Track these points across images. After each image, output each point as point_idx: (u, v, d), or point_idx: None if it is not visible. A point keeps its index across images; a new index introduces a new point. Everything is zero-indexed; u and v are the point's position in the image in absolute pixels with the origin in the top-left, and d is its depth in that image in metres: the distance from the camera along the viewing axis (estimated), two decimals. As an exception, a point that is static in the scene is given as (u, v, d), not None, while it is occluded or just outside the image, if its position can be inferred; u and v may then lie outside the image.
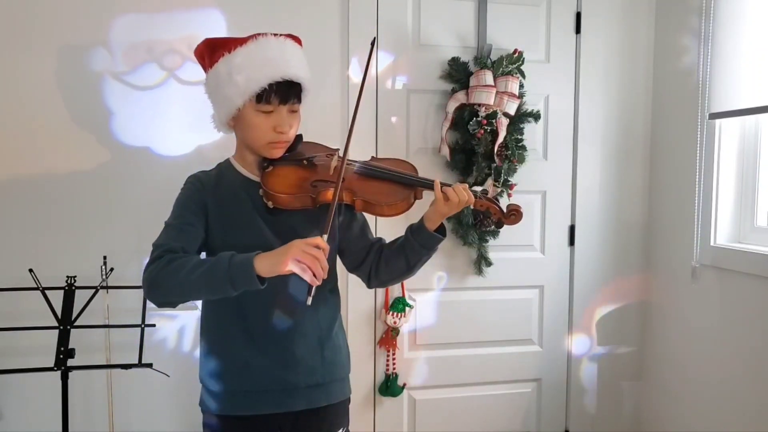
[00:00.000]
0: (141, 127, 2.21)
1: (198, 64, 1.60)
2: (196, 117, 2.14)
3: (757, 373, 2.12)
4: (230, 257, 1.37)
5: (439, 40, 2.44)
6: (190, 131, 2.22)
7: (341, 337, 1.66)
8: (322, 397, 1.59)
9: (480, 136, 2.32)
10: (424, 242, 1.55)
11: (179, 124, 2.22)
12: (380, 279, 1.64)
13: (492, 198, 1.57)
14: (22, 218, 2.14)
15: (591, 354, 2.66)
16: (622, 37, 2.60)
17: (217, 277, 1.36)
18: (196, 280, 1.37)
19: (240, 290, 1.38)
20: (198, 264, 1.39)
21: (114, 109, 2.19)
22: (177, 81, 2.22)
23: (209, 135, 2.17)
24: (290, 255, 1.32)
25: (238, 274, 1.35)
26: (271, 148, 1.52)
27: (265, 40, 1.50)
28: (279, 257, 1.33)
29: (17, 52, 2.10)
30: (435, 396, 2.54)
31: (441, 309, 2.52)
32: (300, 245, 1.33)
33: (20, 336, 1.99)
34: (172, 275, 1.38)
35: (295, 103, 1.52)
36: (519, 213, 1.56)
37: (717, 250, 2.29)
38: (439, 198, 1.50)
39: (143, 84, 2.20)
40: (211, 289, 1.39)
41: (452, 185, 1.52)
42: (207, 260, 1.41)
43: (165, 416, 2.29)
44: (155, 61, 2.20)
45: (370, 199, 1.51)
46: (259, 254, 1.36)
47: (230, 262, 1.36)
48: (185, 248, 1.46)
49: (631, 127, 2.64)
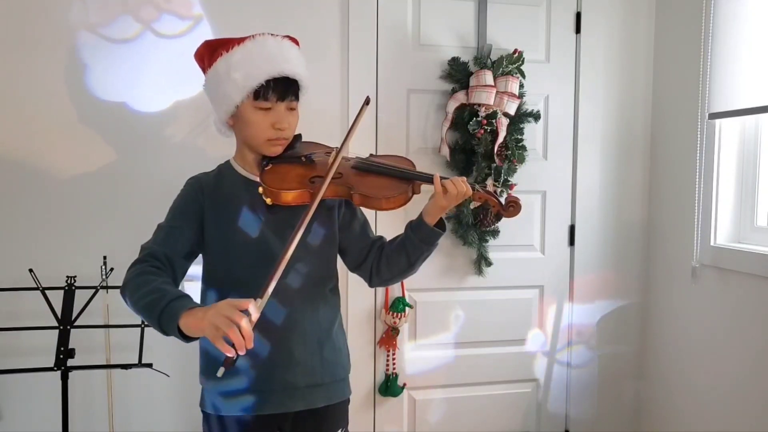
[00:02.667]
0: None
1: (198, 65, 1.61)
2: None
3: (758, 373, 2.12)
4: (171, 299, 1.31)
5: (439, 40, 2.44)
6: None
7: (341, 338, 1.66)
8: (322, 397, 1.59)
9: (480, 136, 2.32)
10: (424, 237, 1.55)
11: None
12: (382, 277, 1.64)
13: (490, 191, 1.57)
14: (22, 218, 2.14)
15: (591, 354, 2.66)
16: (622, 37, 2.60)
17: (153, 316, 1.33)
18: (141, 307, 1.36)
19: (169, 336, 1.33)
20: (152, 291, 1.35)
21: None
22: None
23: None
24: (208, 317, 1.22)
25: (165, 323, 1.31)
26: (270, 145, 1.53)
27: (263, 39, 1.52)
28: (198, 319, 1.24)
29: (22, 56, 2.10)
30: (435, 396, 2.55)
31: (441, 309, 2.52)
32: (223, 308, 1.22)
33: (20, 336, 1.99)
34: (133, 290, 1.38)
35: (293, 101, 1.53)
36: (518, 205, 1.55)
37: (717, 250, 2.29)
38: (438, 191, 1.50)
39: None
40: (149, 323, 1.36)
41: (450, 178, 1.52)
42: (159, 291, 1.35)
43: (165, 416, 2.29)
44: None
45: (368, 193, 1.51)
46: (191, 309, 1.29)
47: (166, 305, 1.30)
48: (169, 253, 1.47)
49: (631, 127, 2.64)
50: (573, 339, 2.65)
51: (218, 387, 1.54)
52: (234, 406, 1.55)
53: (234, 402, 1.54)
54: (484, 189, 1.56)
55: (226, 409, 1.55)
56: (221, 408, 1.56)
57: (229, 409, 1.55)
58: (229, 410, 1.55)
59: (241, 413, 1.54)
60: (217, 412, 1.56)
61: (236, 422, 1.55)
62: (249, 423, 1.55)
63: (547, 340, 2.64)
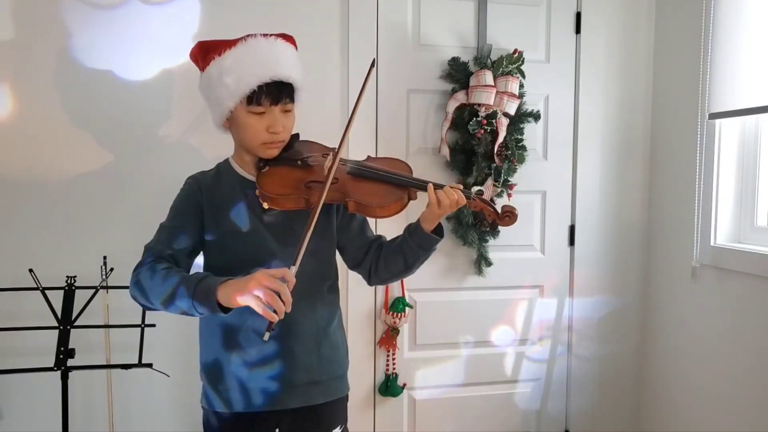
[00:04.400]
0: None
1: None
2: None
3: (758, 373, 2.12)
4: (199, 279, 1.37)
5: (439, 40, 2.44)
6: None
7: (339, 335, 1.66)
8: (320, 394, 1.59)
9: (480, 136, 2.32)
10: (421, 243, 1.55)
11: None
12: (380, 277, 1.64)
13: (486, 199, 1.56)
14: (22, 218, 2.14)
15: (591, 354, 2.66)
16: (622, 37, 2.60)
17: (182, 302, 1.37)
18: (167, 295, 1.39)
19: (205, 314, 1.39)
20: (172, 279, 1.40)
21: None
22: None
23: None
24: (249, 288, 1.29)
25: (201, 301, 1.35)
26: (266, 148, 1.53)
27: (255, 41, 1.50)
28: (239, 290, 1.30)
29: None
30: (435, 396, 2.55)
31: (441, 309, 2.52)
32: (262, 277, 1.29)
33: (20, 336, 1.99)
34: (150, 284, 1.41)
35: (287, 103, 1.52)
36: (513, 215, 1.55)
37: (717, 250, 2.29)
38: (433, 201, 1.50)
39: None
40: (178, 308, 1.40)
41: (443, 187, 1.51)
42: (182, 276, 1.41)
43: (165, 416, 2.29)
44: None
45: (363, 200, 1.51)
46: (225, 281, 1.35)
47: (197, 285, 1.36)
48: (173, 252, 1.49)
49: (631, 127, 2.64)
50: (573, 339, 2.65)
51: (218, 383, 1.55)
52: (233, 403, 1.55)
53: (233, 398, 1.55)
54: (480, 197, 1.55)
55: (226, 405, 1.56)
56: (220, 404, 1.56)
57: (228, 405, 1.56)
58: (228, 407, 1.56)
59: (239, 410, 1.55)
60: (217, 408, 1.57)
61: (235, 419, 1.56)
62: (248, 419, 1.56)
63: (548, 340, 2.64)
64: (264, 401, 1.55)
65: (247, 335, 1.53)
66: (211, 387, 1.58)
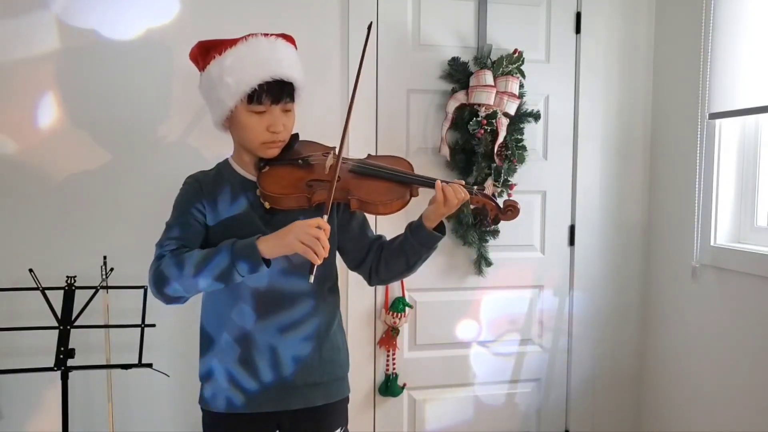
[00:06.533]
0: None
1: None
2: None
3: (758, 373, 2.12)
4: (233, 242, 1.43)
5: (439, 40, 2.44)
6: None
7: (340, 337, 1.66)
8: (320, 395, 1.59)
9: (480, 136, 2.32)
10: (424, 241, 1.55)
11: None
12: (381, 277, 1.64)
13: (488, 194, 1.56)
14: (22, 218, 2.14)
15: (591, 354, 2.66)
16: (622, 37, 2.60)
17: (222, 262, 1.41)
18: (201, 268, 1.41)
19: (245, 273, 1.42)
20: (202, 253, 1.43)
21: None
22: None
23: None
24: (292, 235, 1.38)
25: (243, 256, 1.40)
26: (266, 148, 1.53)
27: (256, 40, 1.51)
28: (282, 239, 1.40)
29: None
30: (435, 396, 2.54)
31: (441, 309, 2.52)
32: (301, 226, 1.39)
33: (20, 336, 1.99)
34: (178, 268, 1.42)
35: (288, 103, 1.53)
36: (516, 209, 1.55)
37: (717, 250, 2.29)
38: (440, 199, 1.49)
39: None
40: (216, 275, 1.41)
41: (450, 183, 1.51)
42: (210, 249, 1.45)
43: (165, 416, 2.29)
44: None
45: (365, 198, 1.51)
46: (261, 237, 1.42)
47: (233, 246, 1.41)
48: (187, 245, 1.49)
49: (631, 127, 2.64)
50: (573, 339, 2.64)
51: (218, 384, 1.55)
52: (233, 404, 1.55)
53: (233, 400, 1.55)
54: (482, 192, 1.55)
55: (225, 406, 1.56)
56: (220, 406, 1.56)
57: (228, 406, 1.55)
58: (228, 408, 1.55)
59: (239, 411, 1.55)
60: (217, 409, 1.57)
61: (235, 420, 1.56)
62: (248, 420, 1.56)
63: (548, 340, 2.63)
64: (264, 402, 1.55)
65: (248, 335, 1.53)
66: (210, 388, 1.58)
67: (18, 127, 2.12)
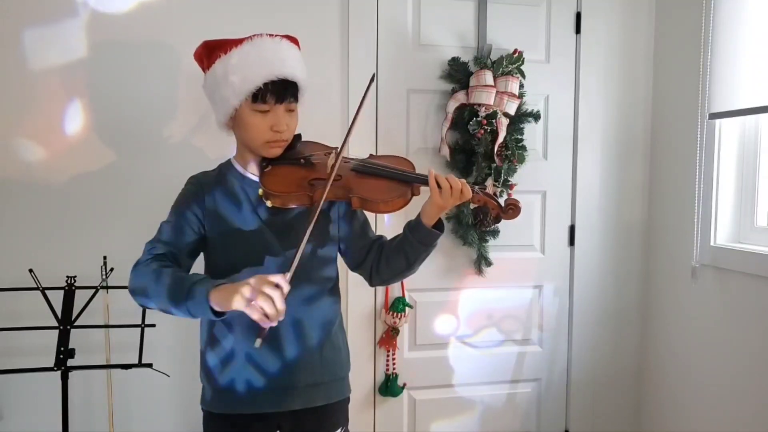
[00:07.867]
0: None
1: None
2: None
3: (757, 373, 2.12)
4: (194, 282, 1.35)
5: (439, 40, 2.44)
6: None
7: (340, 337, 1.66)
8: (321, 396, 1.59)
9: (480, 136, 2.32)
10: (422, 239, 1.55)
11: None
12: (381, 277, 1.64)
13: (489, 193, 1.56)
14: (22, 218, 2.14)
15: (591, 354, 2.66)
16: (622, 37, 2.60)
17: (177, 300, 1.36)
18: (163, 295, 1.37)
19: (198, 318, 1.38)
20: (168, 279, 1.38)
21: None
22: None
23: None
24: (242, 293, 1.26)
25: (194, 303, 1.33)
26: (269, 147, 1.53)
27: (261, 40, 1.51)
28: (230, 293, 1.28)
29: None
30: (435, 396, 2.54)
31: (441, 309, 2.52)
32: (256, 282, 1.27)
33: (20, 336, 1.99)
34: (147, 282, 1.40)
35: (291, 102, 1.53)
36: (517, 207, 1.54)
37: (717, 250, 2.29)
38: (433, 187, 1.48)
39: None
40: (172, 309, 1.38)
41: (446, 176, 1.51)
42: (177, 277, 1.39)
43: (165, 416, 2.29)
44: None
45: (367, 196, 1.51)
46: (218, 286, 1.32)
47: (190, 288, 1.34)
48: (174, 250, 1.49)
49: (631, 127, 2.64)
50: (573, 339, 2.64)
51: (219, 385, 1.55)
52: (233, 405, 1.55)
53: (233, 400, 1.55)
54: (484, 191, 1.55)
55: (226, 407, 1.56)
56: (221, 406, 1.56)
57: (228, 407, 1.55)
58: (229, 408, 1.55)
59: (240, 411, 1.55)
60: (217, 410, 1.57)
61: (236, 420, 1.56)
62: (248, 421, 1.55)
63: (548, 340, 2.63)
64: (265, 403, 1.55)
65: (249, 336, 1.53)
66: (211, 388, 1.58)
67: (20, 129, 2.12)
